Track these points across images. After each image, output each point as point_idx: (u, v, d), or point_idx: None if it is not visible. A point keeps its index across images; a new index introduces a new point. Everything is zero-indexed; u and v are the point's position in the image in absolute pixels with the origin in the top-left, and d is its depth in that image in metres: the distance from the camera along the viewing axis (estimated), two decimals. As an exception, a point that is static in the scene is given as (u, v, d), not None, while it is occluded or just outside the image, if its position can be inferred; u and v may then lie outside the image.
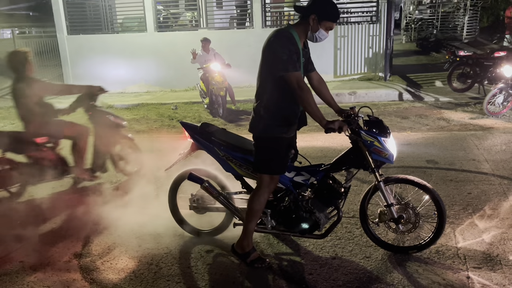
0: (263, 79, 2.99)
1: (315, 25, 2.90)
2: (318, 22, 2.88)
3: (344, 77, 11.32)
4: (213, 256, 3.43)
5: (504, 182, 4.54)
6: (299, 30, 2.95)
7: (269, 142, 3.03)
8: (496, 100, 7.40)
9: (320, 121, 2.87)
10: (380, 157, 3.04)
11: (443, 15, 17.89)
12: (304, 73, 3.16)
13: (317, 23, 2.89)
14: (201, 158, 3.79)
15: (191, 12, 13.10)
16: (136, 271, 3.29)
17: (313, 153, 5.74)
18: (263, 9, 11.26)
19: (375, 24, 10.94)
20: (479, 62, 8.95)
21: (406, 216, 3.18)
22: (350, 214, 4.00)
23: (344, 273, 3.11)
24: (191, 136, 3.52)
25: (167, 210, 3.77)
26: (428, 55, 15.17)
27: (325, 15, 2.88)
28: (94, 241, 3.77)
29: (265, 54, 2.92)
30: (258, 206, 3.15)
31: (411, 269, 3.10)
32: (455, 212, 3.93)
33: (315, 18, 2.88)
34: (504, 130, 6.60)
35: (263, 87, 2.99)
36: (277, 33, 2.90)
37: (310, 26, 2.91)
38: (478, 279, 2.95)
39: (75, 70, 12.07)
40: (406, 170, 5.01)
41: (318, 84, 3.28)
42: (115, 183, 5.04)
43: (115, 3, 12.48)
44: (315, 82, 3.27)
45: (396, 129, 6.93)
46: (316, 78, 3.28)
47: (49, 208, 4.40)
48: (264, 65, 2.95)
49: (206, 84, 8.77)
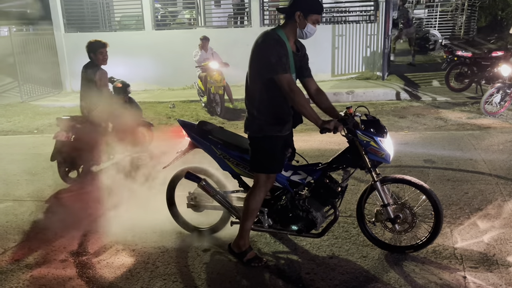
0: (253, 81, 2.99)
1: (302, 21, 2.89)
2: (304, 17, 2.88)
3: (342, 76, 11.32)
4: (210, 255, 3.42)
5: (501, 181, 4.55)
6: (287, 31, 2.94)
7: (264, 141, 3.02)
8: (493, 100, 7.41)
9: (316, 122, 2.86)
10: (377, 157, 3.03)
11: (441, 15, 17.92)
12: (300, 78, 3.16)
13: (304, 19, 2.89)
14: (199, 156, 3.78)
15: (189, 10, 13.07)
16: (132, 269, 3.28)
17: (310, 152, 5.74)
18: (261, 8, 11.24)
19: (373, 23, 10.94)
20: (476, 62, 8.96)
21: (403, 216, 3.18)
22: (347, 213, 3.99)
23: (341, 272, 3.11)
24: (188, 134, 3.52)
25: (164, 207, 3.76)
26: (426, 55, 15.18)
27: (309, 9, 2.88)
28: (90, 239, 3.76)
29: (253, 56, 2.92)
30: (254, 205, 3.14)
31: (408, 268, 3.11)
32: (452, 211, 3.93)
33: (300, 14, 2.88)
34: (502, 129, 6.61)
35: (253, 88, 2.99)
36: (265, 36, 2.90)
37: (297, 23, 2.90)
38: (474, 280, 2.95)
39: (72, 67, 12.02)
40: (403, 169, 5.01)
41: (316, 94, 3.21)
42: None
43: (112, 1, 12.44)
44: (312, 91, 3.21)
45: (393, 128, 6.94)
46: (314, 88, 3.21)
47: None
48: (253, 67, 2.95)
49: (204, 83, 8.76)
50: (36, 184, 5.18)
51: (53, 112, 9.82)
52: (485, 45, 14.97)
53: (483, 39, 16.65)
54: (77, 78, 10.62)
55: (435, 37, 15.61)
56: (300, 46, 3.10)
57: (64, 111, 9.94)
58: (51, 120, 8.84)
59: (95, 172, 5.24)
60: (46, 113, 9.72)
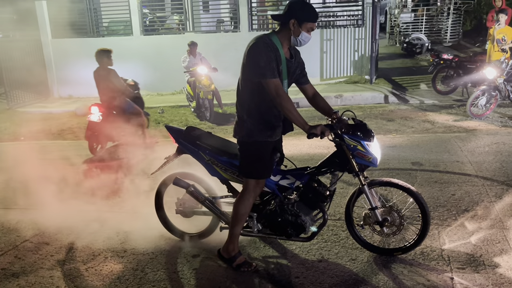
0: (243, 85, 3.00)
1: (296, 29, 2.92)
2: (299, 25, 2.90)
3: (331, 80, 11.39)
4: (199, 261, 3.41)
5: (487, 183, 4.61)
6: (281, 37, 2.96)
7: (253, 146, 3.03)
8: (479, 102, 7.51)
9: (303, 126, 2.88)
10: (364, 161, 3.06)
11: (427, 19, 18.14)
12: (298, 85, 3.20)
13: (298, 27, 2.91)
14: (188, 162, 3.77)
15: (177, 15, 13.05)
16: (121, 276, 3.25)
17: (300, 156, 5.76)
18: (249, 13, 11.28)
19: (360, 28, 11.04)
20: (462, 65, 9.09)
21: (391, 219, 3.21)
22: (336, 216, 4.02)
23: (330, 275, 3.12)
24: (176, 140, 3.51)
25: (153, 213, 3.74)
26: (413, 58, 15.35)
27: (304, 17, 2.90)
28: (78, 246, 3.73)
29: (244, 60, 2.94)
30: (243, 210, 3.14)
31: (396, 270, 3.13)
32: (440, 213, 3.98)
33: (295, 22, 2.90)
34: (487, 131, 6.70)
35: (244, 93, 3.01)
36: (257, 40, 2.92)
37: (291, 31, 2.93)
38: (461, 280, 2.98)
39: (59, 73, 11.95)
40: (391, 172, 5.06)
41: (313, 97, 3.26)
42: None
43: (100, 7, 12.38)
44: (310, 95, 3.26)
45: (381, 131, 7.00)
46: (311, 92, 3.26)
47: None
48: (244, 71, 2.97)
49: (193, 88, 8.75)
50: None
51: (40, 118, 9.73)
52: (470, 49, 15.19)
53: (469, 42, 16.88)
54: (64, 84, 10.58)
55: (422, 41, 15.80)
56: (294, 53, 3.11)
57: (52, 117, 9.86)
58: (38, 127, 8.76)
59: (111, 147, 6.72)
60: (33, 120, 9.62)
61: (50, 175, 5.17)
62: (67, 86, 11.94)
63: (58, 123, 9.16)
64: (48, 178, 5.08)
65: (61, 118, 9.67)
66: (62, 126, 8.92)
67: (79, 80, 11.61)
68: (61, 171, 5.53)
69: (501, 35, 8.03)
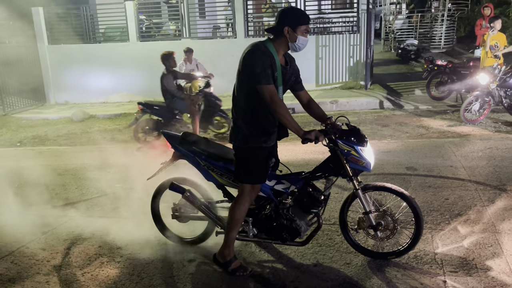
0: (239, 91, 3.04)
1: (292, 35, 2.96)
2: (293, 31, 2.95)
3: (326, 86, 11.47)
4: (195, 265, 3.43)
5: (480, 187, 4.67)
6: (277, 44, 3.00)
7: (249, 152, 3.07)
8: (472, 108, 7.59)
9: (297, 132, 2.92)
10: (357, 166, 3.10)
11: (421, 25, 18.31)
12: (293, 92, 3.25)
13: (293, 32, 2.95)
14: (184, 167, 3.80)
15: (174, 22, 13.12)
16: (117, 281, 3.27)
17: (295, 161, 5.80)
18: (245, 19, 11.36)
19: (355, 34, 11.14)
20: (456, 71, 9.19)
21: (384, 223, 3.25)
22: (331, 221, 4.05)
23: (325, 279, 3.15)
24: (172, 145, 3.54)
25: (149, 218, 3.77)
26: (407, 64, 15.48)
27: (297, 22, 2.95)
28: (74, 251, 3.74)
29: (240, 66, 2.98)
30: (239, 215, 3.17)
31: (390, 274, 3.16)
32: (433, 217, 4.02)
33: (288, 29, 2.95)
34: (481, 137, 6.77)
35: (240, 98, 3.05)
36: (253, 47, 2.96)
37: (287, 38, 2.97)
38: (454, 284, 3.02)
39: (56, 79, 11.97)
40: (386, 177, 5.10)
41: (308, 104, 3.30)
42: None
43: (97, 13, 12.42)
44: (305, 102, 3.30)
45: (376, 137, 7.05)
46: (306, 98, 3.30)
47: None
48: (239, 77, 3.01)
49: (189, 93, 8.76)
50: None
51: (36, 124, 9.74)
52: (464, 55, 15.33)
53: (463, 48, 17.04)
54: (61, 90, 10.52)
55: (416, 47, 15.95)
56: (289, 60, 3.15)
57: (48, 123, 9.88)
58: (34, 133, 8.77)
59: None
60: (29, 126, 9.63)
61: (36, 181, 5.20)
62: (64, 92, 11.97)
63: (54, 129, 9.17)
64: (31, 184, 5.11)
65: (57, 124, 9.69)
66: (58, 132, 8.93)
67: (76, 86, 11.67)
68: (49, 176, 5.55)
69: (494, 41, 8.13)
